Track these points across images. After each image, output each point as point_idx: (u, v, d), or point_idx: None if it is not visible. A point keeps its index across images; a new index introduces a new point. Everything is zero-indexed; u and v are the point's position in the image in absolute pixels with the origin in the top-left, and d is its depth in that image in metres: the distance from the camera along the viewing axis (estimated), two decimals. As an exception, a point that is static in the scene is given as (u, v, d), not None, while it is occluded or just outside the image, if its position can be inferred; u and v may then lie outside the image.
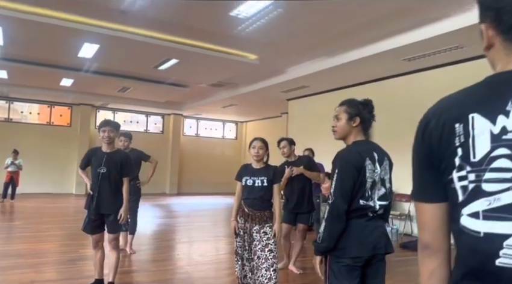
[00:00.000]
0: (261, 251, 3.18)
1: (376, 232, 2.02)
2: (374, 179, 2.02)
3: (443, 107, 0.84)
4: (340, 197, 1.95)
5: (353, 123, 2.11)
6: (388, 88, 7.97)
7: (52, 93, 11.91)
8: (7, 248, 5.30)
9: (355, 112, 2.12)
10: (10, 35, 6.59)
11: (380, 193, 2.04)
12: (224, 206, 11.95)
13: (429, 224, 0.87)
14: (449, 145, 0.79)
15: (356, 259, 1.98)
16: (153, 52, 7.27)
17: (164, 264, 4.85)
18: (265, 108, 13.19)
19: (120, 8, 5.30)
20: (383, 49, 6.19)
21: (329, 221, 1.96)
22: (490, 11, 0.81)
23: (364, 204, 1.98)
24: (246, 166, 3.43)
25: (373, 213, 2.01)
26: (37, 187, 12.44)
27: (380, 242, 2.02)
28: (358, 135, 2.12)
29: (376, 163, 2.04)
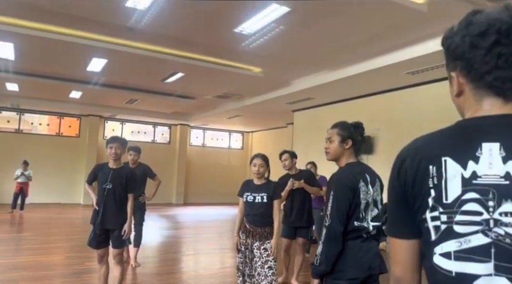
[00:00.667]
0: (261, 268, 3.22)
1: (371, 252, 2.05)
2: (368, 200, 2.06)
3: (418, 147, 0.87)
4: (336, 219, 1.97)
5: (346, 145, 2.16)
6: (391, 100, 7.99)
7: (61, 105, 12.15)
8: (14, 261, 5.39)
9: (347, 134, 2.18)
10: (21, 50, 6.79)
11: (373, 214, 2.08)
12: (230, 217, 11.95)
13: (401, 259, 0.89)
14: (422, 185, 0.83)
15: (352, 280, 2.00)
16: (160, 66, 7.41)
17: (168, 277, 4.89)
18: (270, 119, 13.26)
19: (127, 25, 5.44)
20: (386, 62, 6.23)
21: (327, 243, 1.98)
22: (460, 60, 0.86)
23: (358, 225, 2.02)
24: (248, 182, 3.48)
25: (366, 234, 2.04)
26: (46, 197, 12.61)
27: (374, 262, 2.05)
28: (350, 157, 2.18)
29: (368, 185, 2.08)
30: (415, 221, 0.85)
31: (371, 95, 8.37)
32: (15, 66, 7.89)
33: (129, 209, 3.69)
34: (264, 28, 5.24)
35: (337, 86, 7.82)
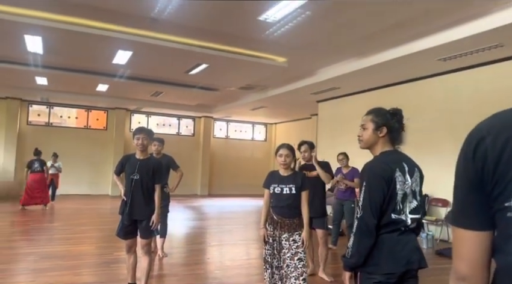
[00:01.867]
0: (290, 260, 3.15)
1: (409, 246, 1.93)
2: (405, 191, 1.93)
3: (501, 125, 0.75)
4: (368, 211, 1.87)
5: (380, 133, 2.04)
6: (422, 89, 7.69)
7: (89, 98, 12.42)
8: (47, 250, 5.54)
9: (382, 121, 2.04)
10: (49, 44, 6.91)
11: (412, 206, 1.95)
12: (254, 208, 11.97)
13: (469, 254, 0.79)
14: (508, 169, 0.71)
15: (389, 275, 1.89)
16: (184, 57, 7.39)
17: (194, 268, 4.91)
18: (294, 110, 13.10)
19: (151, 16, 5.42)
20: (417, 49, 5.96)
21: (358, 236, 1.90)
22: None
23: (395, 218, 1.90)
24: (273, 173, 3.39)
25: (405, 227, 1.92)
26: (75, 188, 12.99)
27: (413, 257, 1.92)
28: (385, 145, 2.04)
29: (406, 175, 1.95)
30: (490, 210, 0.75)
31: (400, 83, 8.08)
32: (44, 60, 8.07)
33: (156, 199, 3.69)
34: (290, 15, 5.10)
35: (364, 75, 7.58)
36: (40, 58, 7.88)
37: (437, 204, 7.07)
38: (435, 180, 5.79)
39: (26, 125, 13.10)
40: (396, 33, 5.76)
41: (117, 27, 6.10)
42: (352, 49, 6.67)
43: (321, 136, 10.99)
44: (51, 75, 9.38)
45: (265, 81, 9.46)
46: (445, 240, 6.88)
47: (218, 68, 8.15)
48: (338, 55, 7.10)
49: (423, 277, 1.97)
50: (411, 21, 5.29)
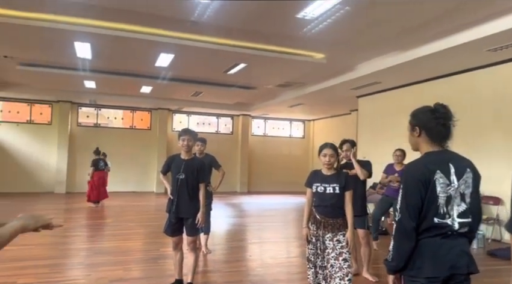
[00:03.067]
0: (334, 260, 3.13)
1: (455, 251, 1.84)
2: (450, 193, 1.84)
3: None
4: (406, 214, 1.83)
5: (416, 133, 1.97)
6: (469, 81, 7.31)
7: (134, 99, 12.97)
8: (99, 245, 5.89)
9: (415, 122, 1.99)
10: (97, 49, 7.30)
11: (460, 209, 1.85)
12: (293, 205, 11.96)
13: None
14: None
15: (431, 278, 1.83)
16: (223, 57, 7.52)
17: (236, 265, 5.01)
18: (333, 106, 12.91)
19: (192, 19, 5.56)
20: (464, 40, 5.68)
21: (397, 239, 1.88)
22: None
23: (438, 222, 1.82)
24: (316, 172, 3.38)
25: (451, 231, 1.84)
26: (122, 186, 13.62)
27: (460, 262, 1.84)
28: (429, 145, 1.94)
29: (451, 176, 1.85)
30: None
31: (446, 76, 7.73)
32: (92, 64, 8.52)
33: (201, 197, 3.81)
34: (328, 11, 5.04)
35: (407, 69, 7.33)
36: (89, 63, 8.33)
37: (488, 202, 6.70)
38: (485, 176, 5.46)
39: (76, 126, 13.91)
40: (441, 24, 5.52)
41: (159, 31, 6.32)
42: (393, 42, 6.47)
43: (361, 132, 10.77)
44: (99, 79, 9.90)
45: (303, 78, 9.40)
46: (497, 240, 6.52)
47: (256, 67, 8.21)
48: (378, 49, 6.91)
49: (473, 278, 1.89)
50: (457, 11, 5.04)
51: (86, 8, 5.43)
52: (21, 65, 8.80)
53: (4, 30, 6.28)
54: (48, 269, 4.47)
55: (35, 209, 9.60)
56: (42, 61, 8.54)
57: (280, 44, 6.90)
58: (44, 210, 9.32)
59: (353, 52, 7.06)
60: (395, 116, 9.23)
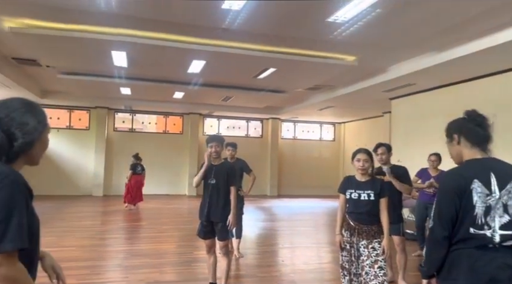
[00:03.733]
0: (369, 267, 3.08)
1: (495, 263, 1.75)
2: (490, 204, 1.76)
3: None
4: (437, 223, 1.82)
5: (455, 142, 1.93)
6: (509, 81, 6.96)
7: (166, 105, 13.32)
8: (136, 248, 6.08)
9: (450, 130, 1.96)
10: (133, 58, 7.56)
11: (503, 221, 1.76)
12: (323, 210, 11.84)
13: None
14: None
15: None
16: (253, 63, 7.59)
17: (269, 270, 5.03)
18: (365, 108, 12.66)
19: (223, 26, 5.65)
20: (506, 38, 5.42)
21: (428, 246, 1.90)
22: None
23: (475, 232, 1.75)
24: (350, 178, 3.34)
25: (492, 244, 1.76)
26: (156, 189, 13.97)
27: (500, 274, 1.74)
28: (470, 152, 1.88)
29: (492, 186, 1.77)
30: None
31: (485, 77, 7.40)
32: (128, 72, 8.83)
33: (232, 199, 3.86)
34: (360, 13, 4.97)
35: (444, 70, 7.08)
36: (124, 71, 8.64)
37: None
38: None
39: (112, 131, 14.44)
40: (482, 23, 5.30)
41: (192, 39, 6.47)
42: (429, 43, 6.28)
43: (395, 135, 10.50)
44: (134, 85, 10.24)
45: (334, 81, 9.30)
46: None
47: (286, 71, 8.21)
48: (413, 50, 6.73)
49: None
50: (498, 10, 4.83)
51: (123, 18, 5.64)
52: (62, 74, 9.25)
53: (47, 42, 6.63)
54: (88, 270, 4.67)
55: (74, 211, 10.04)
56: (81, 70, 8.94)
57: (311, 48, 6.86)
58: (83, 213, 9.74)
59: (386, 53, 6.92)
60: (431, 118, 8.94)
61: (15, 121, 1.28)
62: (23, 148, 1.30)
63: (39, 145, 1.36)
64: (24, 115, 1.31)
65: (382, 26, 5.53)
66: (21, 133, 1.28)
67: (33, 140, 1.32)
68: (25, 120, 1.30)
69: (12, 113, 1.29)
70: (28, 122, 1.30)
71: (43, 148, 1.39)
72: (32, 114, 1.34)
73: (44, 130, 1.38)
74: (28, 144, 1.30)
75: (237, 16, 5.25)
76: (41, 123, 1.36)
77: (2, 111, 1.29)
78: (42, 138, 1.37)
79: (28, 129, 1.30)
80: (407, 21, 5.35)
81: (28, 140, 1.30)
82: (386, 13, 4.99)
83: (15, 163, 1.31)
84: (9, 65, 8.59)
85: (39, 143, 1.36)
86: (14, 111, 1.30)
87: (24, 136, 1.29)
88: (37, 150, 1.36)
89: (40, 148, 1.38)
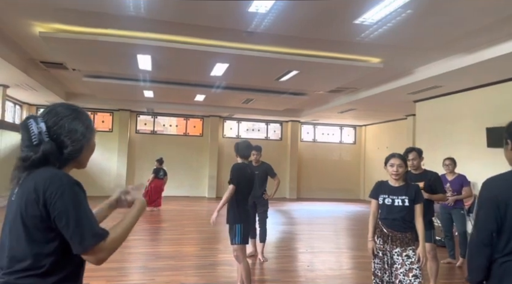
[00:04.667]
0: (403, 276, 2.99)
1: None
2: None
3: None
4: (476, 230, 1.79)
5: (509, 147, 1.86)
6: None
7: (188, 107, 13.42)
8: (159, 250, 6.12)
9: (506, 135, 1.88)
10: (157, 61, 7.64)
11: None
12: (343, 214, 11.67)
13: None
14: None
15: None
16: (276, 65, 7.55)
17: (295, 275, 4.97)
18: (387, 111, 12.45)
19: (248, 29, 5.64)
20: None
21: (469, 254, 1.89)
22: None
23: None
24: (382, 183, 3.26)
25: None
26: (177, 190, 14.08)
27: None
28: None
29: None
30: None
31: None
32: (151, 75, 8.93)
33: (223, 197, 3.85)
34: (389, 15, 4.87)
35: (473, 71, 6.88)
36: (148, 74, 8.75)
37: None
38: None
39: (135, 133, 14.65)
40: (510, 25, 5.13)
41: (216, 42, 6.49)
42: (458, 44, 6.11)
43: (420, 139, 10.26)
44: (157, 88, 10.36)
45: (356, 83, 9.17)
46: None
47: (309, 73, 8.13)
48: (441, 52, 6.57)
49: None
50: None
51: (150, 22, 5.70)
52: (86, 77, 9.44)
53: (75, 46, 6.78)
54: (116, 272, 4.71)
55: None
56: (106, 73, 9.10)
57: (335, 50, 6.78)
58: (107, 213, 9.88)
59: (412, 55, 6.78)
60: (458, 121, 8.71)
61: (64, 129, 1.30)
62: (72, 155, 1.31)
63: (87, 149, 1.38)
64: (73, 122, 1.32)
65: (410, 28, 5.40)
66: (70, 140, 1.30)
67: (82, 147, 1.34)
68: (73, 127, 1.31)
69: (60, 121, 1.30)
70: (77, 129, 1.32)
71: (90, 152, 1.42)
72: (80, 120, 1.35)
73: (92, 135, 1.39)
74: (77, 151, 1.32)
75: (264, 19, 5.22)
76: (88, 128, 1.37)
77: (51, 118, 1.30)
78: (90, 143, 1.38)
79: (77, 137, 1.31)
80: (436, 22, 5.22)
81: (77, 147, 1.32)
82: (414, 14, 4.88)
83: (65, 168, 1.33)
84: (37, 69, 8.84)
85: (87, 148, 1.37)
86: (62, 118, 1.31)
87: (74, 144, 1.31)
88: (85, 154, 1.37)
89: (88, 152, 1.40)
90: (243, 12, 5.02)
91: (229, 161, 14.73)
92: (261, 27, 5.52)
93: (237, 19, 5.32)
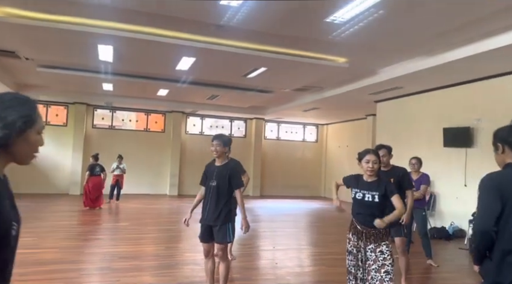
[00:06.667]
0: (375, 272, 3.03)
1: None
2: None
3: None
4: (481, 219, 1.86)
5: (499, 151, 1.95)
6: (498, 87, 7.16)
7: (149, 102, 12.98)
8: (121, 250, 5.82)
9: (496, 140, 1.97)
10: (120, 52, 7.28)
11: None
12: (305, 211, 11.86)
13: None
14: None
15: None
16: (244, 61, 7.47)
17: (264, 273, 4.94)
18: (349, 111, 12.79)
19: (220, 23, 5.51)
20: (497, 45, 5.56)
21: (474, 237, 2.00)
22: None
23: None
24: (358, 177, 3.26)
25: None
26: (136, 188, 13.60)
27: None
28: (511, 159, 1.91)
29: None
30: None
31: (472, 81, 7.59)
32: (113, 67, 8.52)
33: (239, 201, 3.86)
34: (360, 14, 4.95)
35: (433, 74, 7.21)
36: (110, 66, 8.33)
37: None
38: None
39: (91, 128, 13.95)
40: (471, 30, 5.42)
41: (182, 35, 6.29)
42: (420, 47, 6.37)
43: (380, 138, 10.61)
44: (117, 81, 9.91)
45: (322, 82, 9.32)
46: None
47: (277, 71, 8.14)
48: (404, 54, 6.81)
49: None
50: (489, 17, 4.94)
51: (113, 10, 5.41)
52: (41, 67, 8.84)
53: (27, 33, 6.29)
54: (76, 273, 4.43)
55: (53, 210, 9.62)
56: (63, 63, 8.56)
57: (303, 48, 6.82)
58: (62, 212, 9.34)
59: (377, 56, 6.97)
60: (417, 121, 9.10)
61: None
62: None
63: (22, 143, 1.23)
64: (6, 110, 1.19)
65: (379, 28, 5.54)
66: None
67: (9, 135, 1.20)
68: (4, 115, 1.18)
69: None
70: (6, 116, 1.19)
71: (28, 147, 1.27)
72: (15, 109, 1.22)
73: (28, 127, 1.24)
74: (2, 138, 1.17)
75: (235, 13, 5.12)
76: (23, 118, 1.23)
77: None
78: (25, 136, 1.24)
79: (5, 124, 1.18)
80: (402, 24, 5.40)
81: (1, 135, 1.18)
82: (385, 16, 4.99)
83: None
84: (-17, 56, 8.13)
85: (21, 141, 1.23)
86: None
87: (1, 131, 1.17)
88: (18, 147, 1.23)
89: (24, 146, 1.25)
90: (214, 6, 4.89)
91: (192, 158, 14.52)
92: (233, 22, 5.42)
93: (207, 12, 5.18)
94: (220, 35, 6.23)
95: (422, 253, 5.48)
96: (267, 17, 5.27)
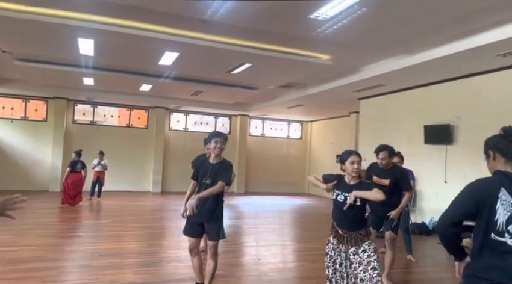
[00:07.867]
0: (364, 272, 2.98)
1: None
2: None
3: None
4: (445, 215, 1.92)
5: (491, 158, 1.99)
6: (476, 85, 7.33)
7: (132, 98, 12.76)
8: (101, 247, 5.71)
9: (487, 148, 2.02)
10: (100, 46, 7.12)
11: None
12: (289, 207, 11.92)
13: None
14: None
15: None
16: (228, 57, 7.41)
17: (248, 269, 4.95)
18: (332, 108, 12.88)
19: (203, 18, 5.45)
20: (474, 44, 5.68)
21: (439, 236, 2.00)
22: None
23: (495, 238, 1.82)
24: (341, 178, 3.19)
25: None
26: (118, 185, 13.39)
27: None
28: (505, 166, 1.94)
29: None
30: None
31: (452, 80, 7.75)
32: (93, 61, 8.33)
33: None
34: (344, 12, 4.97)
35: (414, 72, 7.32)
36: (90, 60, 8.15)
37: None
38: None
39: (72, 124, 13.65)
40: (456, 28, 5.51)
41: (166, 29, 6.18)
42: (402, 45, 6.44)
43: (363, 135, 10.76)
44: (98, 76, 9.70)
45: (306, 79, 9.34)
46: None
47: (261, 67, 8.11)
48: (387, 51, 6.88)
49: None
50: (470, 16, 5.04)
51: (94, 3, 5.28)
52: (19, 60, 8.57)
53: (4, 24, 6.08)
54: (54, 271, 4.33)
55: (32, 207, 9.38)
56: (42, 57, 8.32)
57: (288, 45, 6.81)
58: (41, 209, 9.12)
59: (361, 53, 7.03)
60: (399, 119, 9.24)
61: None
62: None
63: None
64: None
65: (363, 26, 5.57)
66: None
67: None
68: None
69: None
70: None
71: None
72: None
73: None
74: None
75: (220, 8, 5.07)
76: None
77: None
78: None
79: None
80: (384, 23, 5.45)
81: None
82: (369, 13, 5.02)
83: None
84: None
85: None
86: None
87: None
88: None
89: None
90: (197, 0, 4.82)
91: (176, 155, 14.39)
92: (217, 16, 5.36)
93: (191, 6, 5.11)
94: (204, 30, 6.16)
95: (402, 248, 5.57)
96: (250, 12, 5.23)
